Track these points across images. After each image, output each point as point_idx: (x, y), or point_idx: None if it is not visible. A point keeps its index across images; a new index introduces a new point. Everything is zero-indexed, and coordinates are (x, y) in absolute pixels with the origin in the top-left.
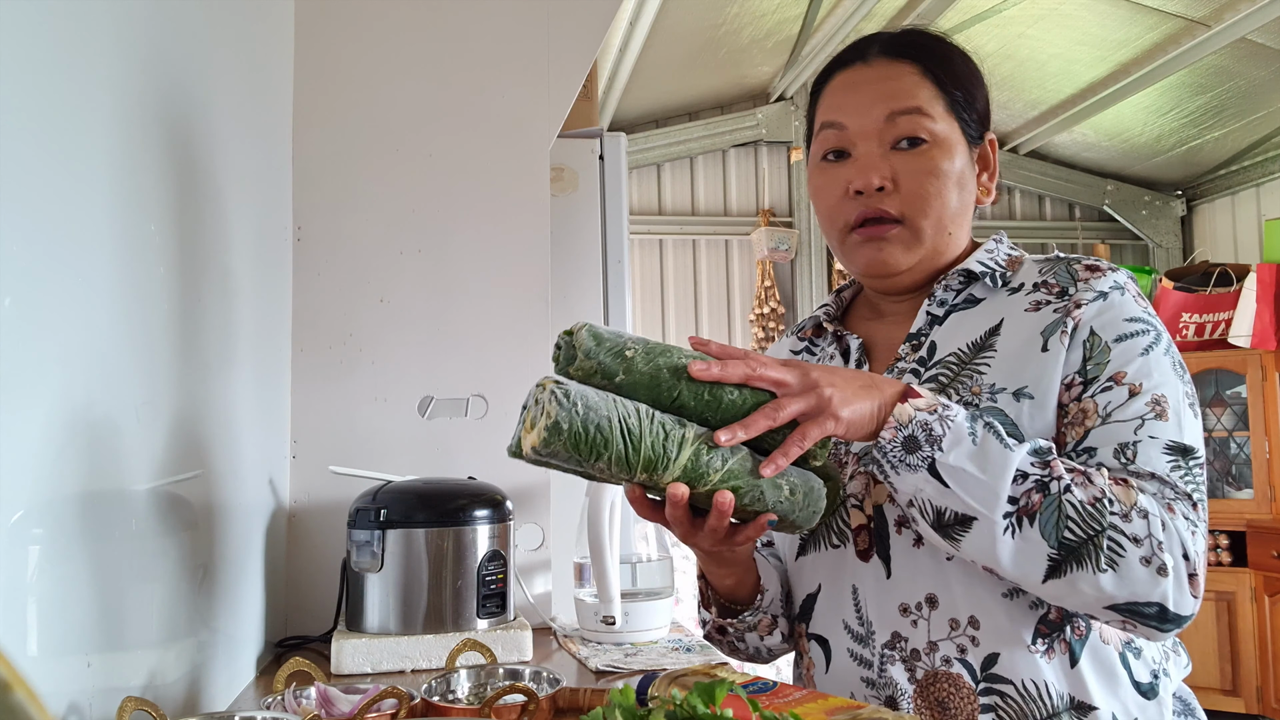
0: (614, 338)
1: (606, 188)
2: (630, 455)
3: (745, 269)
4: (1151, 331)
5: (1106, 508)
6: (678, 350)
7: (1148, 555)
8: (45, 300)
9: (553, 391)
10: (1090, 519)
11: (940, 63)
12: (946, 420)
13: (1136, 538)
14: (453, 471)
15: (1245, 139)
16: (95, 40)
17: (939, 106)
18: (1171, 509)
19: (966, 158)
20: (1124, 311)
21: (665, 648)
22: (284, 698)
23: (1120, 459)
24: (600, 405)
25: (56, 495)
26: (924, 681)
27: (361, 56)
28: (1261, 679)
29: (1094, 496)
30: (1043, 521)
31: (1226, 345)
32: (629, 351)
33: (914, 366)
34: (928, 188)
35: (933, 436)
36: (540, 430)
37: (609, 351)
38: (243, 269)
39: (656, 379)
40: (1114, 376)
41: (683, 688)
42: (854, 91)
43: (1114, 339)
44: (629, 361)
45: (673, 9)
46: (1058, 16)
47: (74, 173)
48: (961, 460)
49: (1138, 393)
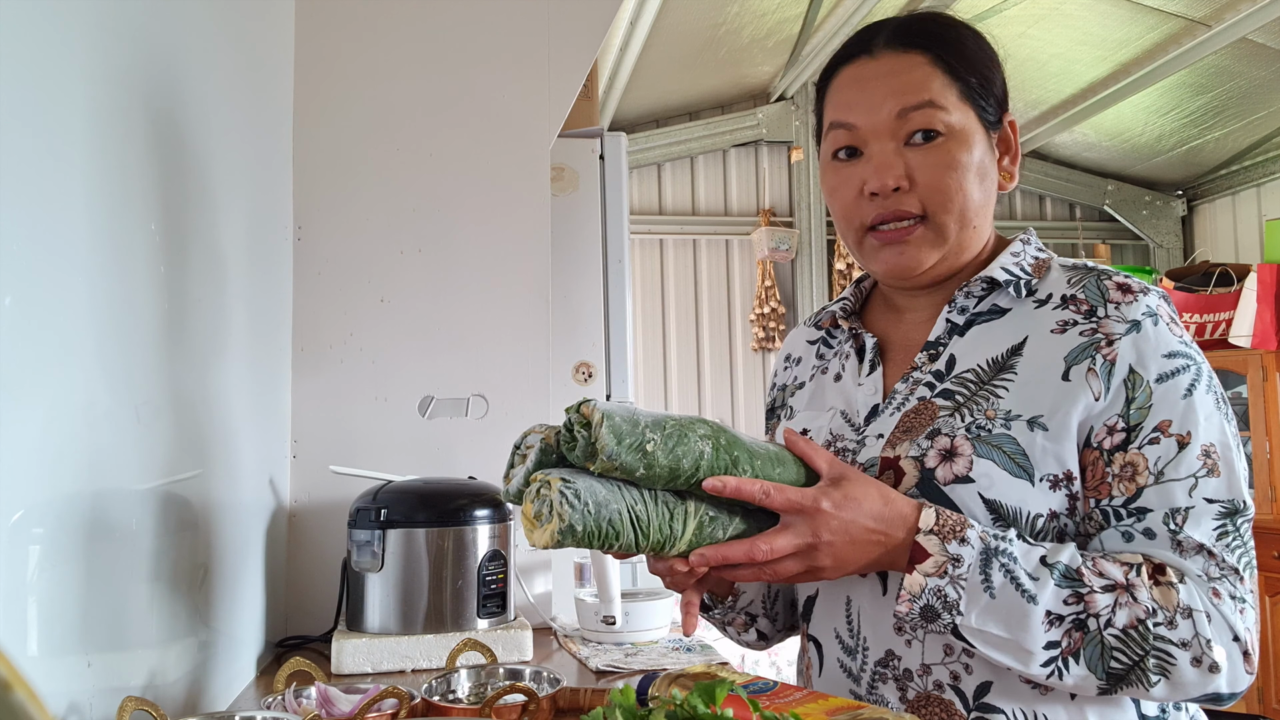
0: (632, 431)
1: (607, 187)
2: (640, 541)
3: (746, 269)
4: (1192, 366)
5: (1150, 624)
6: (691, 431)
7: (1198, 656)
8: (46, 300)
9: (561, 492)
10: (1136, 643)
11: (951, 49)
12: (959, 581)
13: (1184, 641)
14: (453, 471)
15: (1246, 139)
16: (94, 39)
17: (952, 96)
18: (1217, 593)
19: (986, 145)
20: (1161, 345)
21: (665, 648)
22: (284, 698)
23: (1170, 525)
24: (609, 500)
25: (56, 495)
26: (915, 703)
27: (362, 56)
28: (1262, 679)
29: (1137, 618)
30: (1087, 658)
31: (1227, 345)
32: (649, 445)
33: (929, 379)
34: (947, 182)
35: (949, 603)
36: (554, 532)
37: (630, 449)
38: (243, 268)
39: (676, 471)
40: (1160, 426)
41: (683, 688)
42: (862, 88)
43: (1155, 379)
44: (649, 457)
45: (673, 8)
46: (1058, 16)
47: (74, 173)
48: (984, 622)
49: (1186, 443)
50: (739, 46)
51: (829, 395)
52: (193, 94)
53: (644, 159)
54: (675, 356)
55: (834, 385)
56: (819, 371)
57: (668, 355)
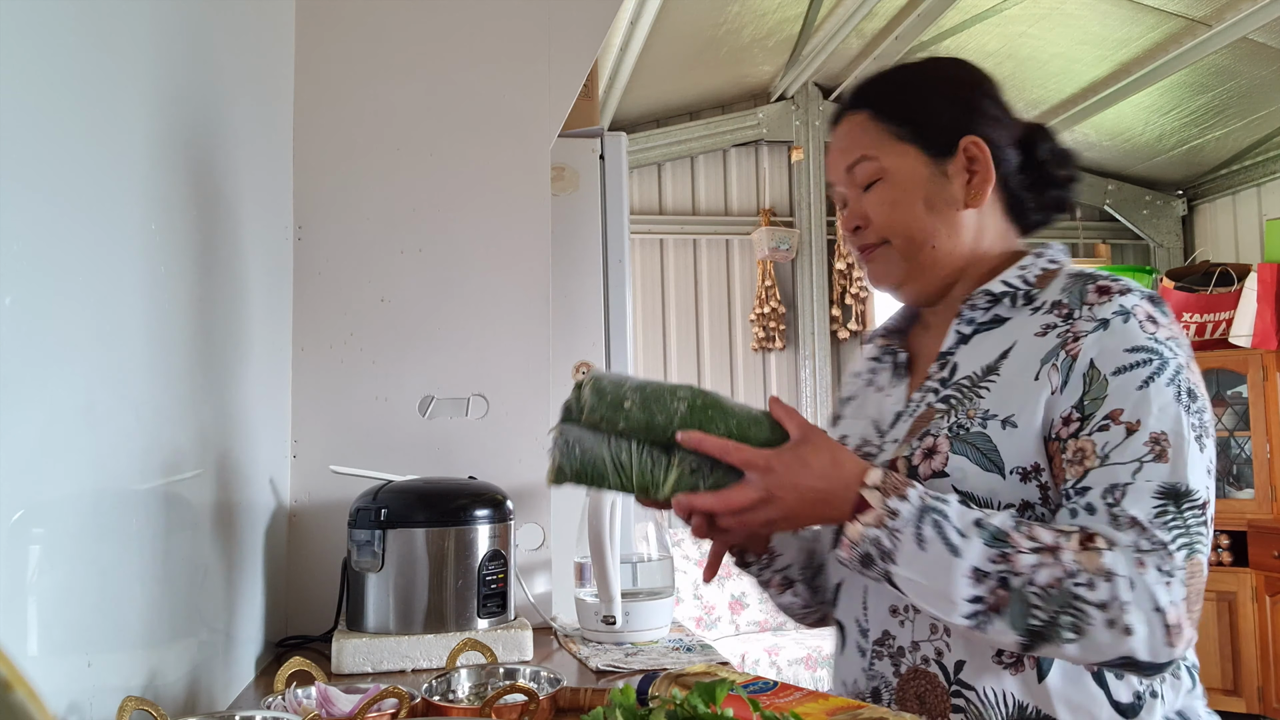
0: (615, 390)
1: (607, 187)
2: (625, 482)
3: (746, 269)
4: (1155, 360)
5: (1069, 583)
6: (672, 394)
7: (1113, 619)
8: (46, 300)
9: (555, 439)
10: (1054, 601)
11: (886, 99)
12: (895, 533)
13: (1102, 603)
14: (453, 471)
15: (1246, 139)
16: (93, 39)
17: (888, 141)
18: (1143, 564)
19: (929, 173)
20: (1126, 340)
21: (666, 647)
22: (284, 698)
23: (1108, 499)
24: (594, 447)
25: (56, 495)
26: (906, 676)
27: (362, 56)
28: (1262, 679)
29: (1057, 577)
30: (1010, 615)
31: (1227, 345)
32: (627, 403)
33: (936, 385)
34: (890, 216)
35: (884, 551)
36: (551, 470)
37: (609, 405)
38: (243, 268)
39: (651, 426)
40: (1110, 414)
41: (683, 687)
42: (831, 153)
43: (1112, 371)
44: (626, 413)
45: (674, 8)
46: (1059, 16)
47: (74, 173)
48: (913, 571)
49: (1135, 430)
50: (739, 46)
51: (869, 405)
52: (192, 93)
53: (644, 159)
54: (675, 356)
55: (874, 396)
56: (866, 384)
57: (668, 355)
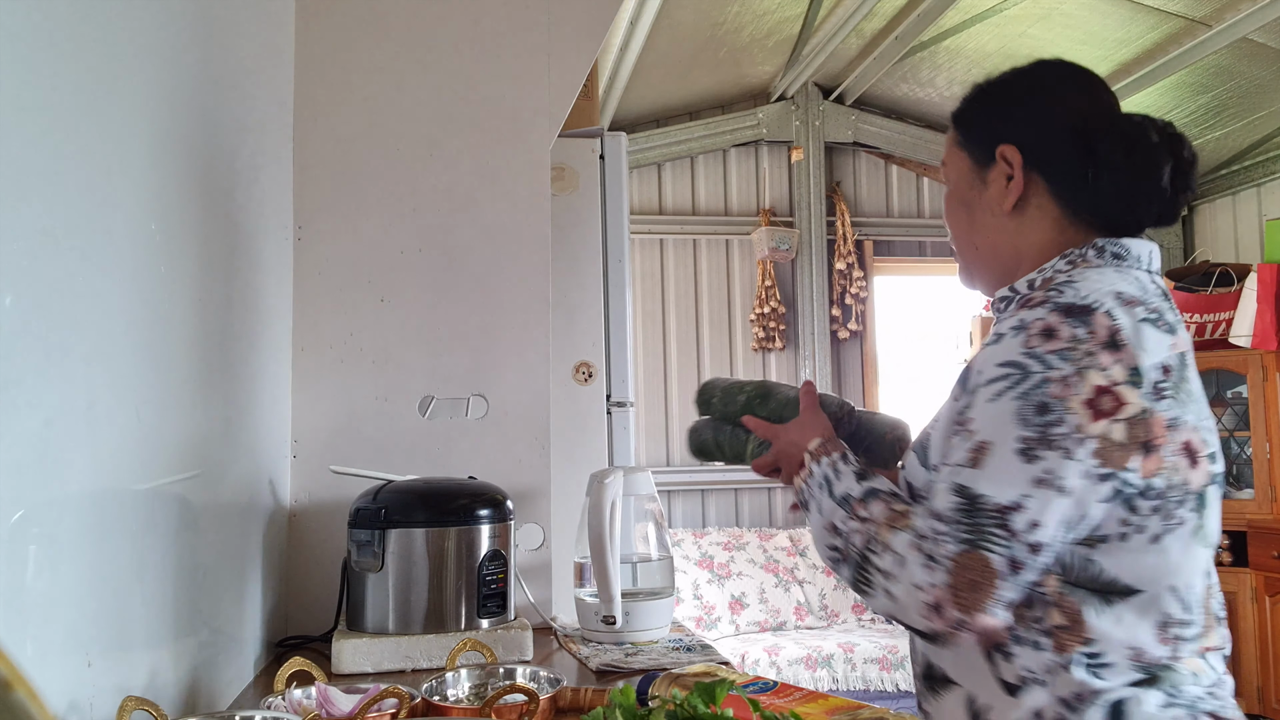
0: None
1: (607, 187)
2: (728, 456)
3: (746, 269)
4: (1015, 375)
5: (867, 550)
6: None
7: (886, 586)
8: (46, 300)
9: (687, 430)
10: (862, 560)
11: (959, 109)
12: (811, 488)
13: (882, 570)
14: (453, 471)
15: (1246, 139)
16: (93, 40)
17: (952, 149)
18: (917, 546)
19: (970, 179)
20: (1003, 354)
21: (666, 647)
22: (284, 698)
23: (926, 493)
24: (705, 433)
25: (56, 495)
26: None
27: (362, 55)
28: (1262, 679)
29: (865, 542)
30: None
31: (1227, 345)
32: (714, 400)
33: None
34: (948, 218)
35: (804, 501)
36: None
37: (703, 404)
38: (243, 268)
39: (728, 414)
40: (963, 420)
41: (683, 687)
42: None
43: (983, 383)
44: (713, 407)
45: (673, 8)
46: (1059, 16)
47: (73, 173)
48: (812, 521)
49: (969, 437)
50: (739, 46)
51: None
52: (192, 93)
53: (644, 159)
54: (675, 356)
55: None
56: None
57: (668, 355)
